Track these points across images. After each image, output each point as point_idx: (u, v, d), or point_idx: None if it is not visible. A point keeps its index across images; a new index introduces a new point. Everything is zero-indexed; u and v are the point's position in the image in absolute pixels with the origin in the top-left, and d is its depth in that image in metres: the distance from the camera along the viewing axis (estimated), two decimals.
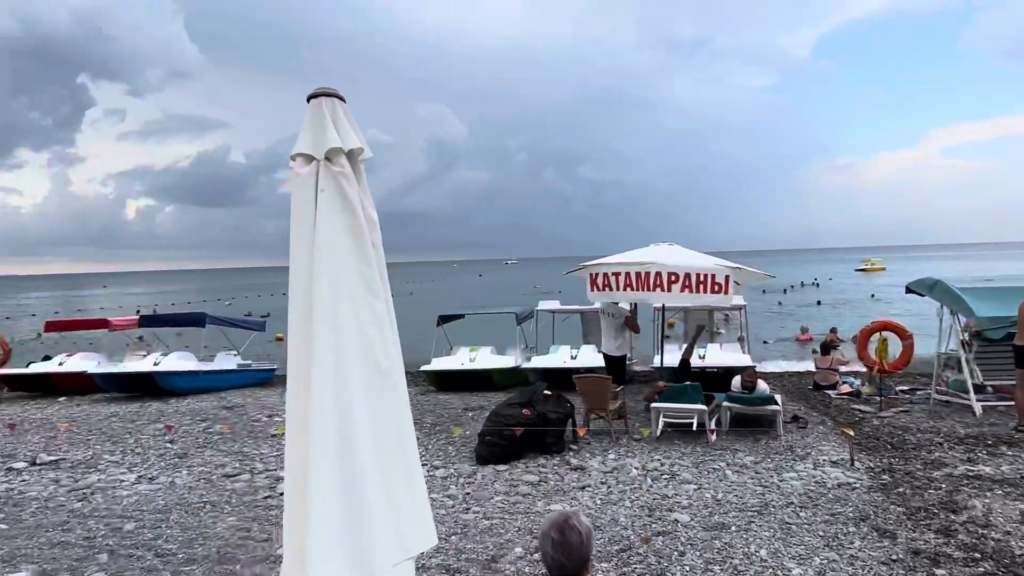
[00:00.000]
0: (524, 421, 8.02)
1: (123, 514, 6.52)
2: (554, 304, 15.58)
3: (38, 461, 8.53)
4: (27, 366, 15.37)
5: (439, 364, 13.49)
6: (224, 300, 58.93)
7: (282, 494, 6.91)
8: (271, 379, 15.93)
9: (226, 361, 14.88)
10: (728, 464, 7.55)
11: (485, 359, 13.75)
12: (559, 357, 13.27)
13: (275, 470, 7.90)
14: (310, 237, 2.18)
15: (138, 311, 40.01)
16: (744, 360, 12.07)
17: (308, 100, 2.34)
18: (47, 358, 16.66)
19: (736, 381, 9.49)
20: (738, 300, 12.25)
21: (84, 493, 7.23)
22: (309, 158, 2.26)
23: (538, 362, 13.20)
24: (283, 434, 7.74)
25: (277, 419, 10.85)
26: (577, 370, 11.06)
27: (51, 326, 15.84)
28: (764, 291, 42.38)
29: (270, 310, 41.93)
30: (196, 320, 15.09)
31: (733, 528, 5.68)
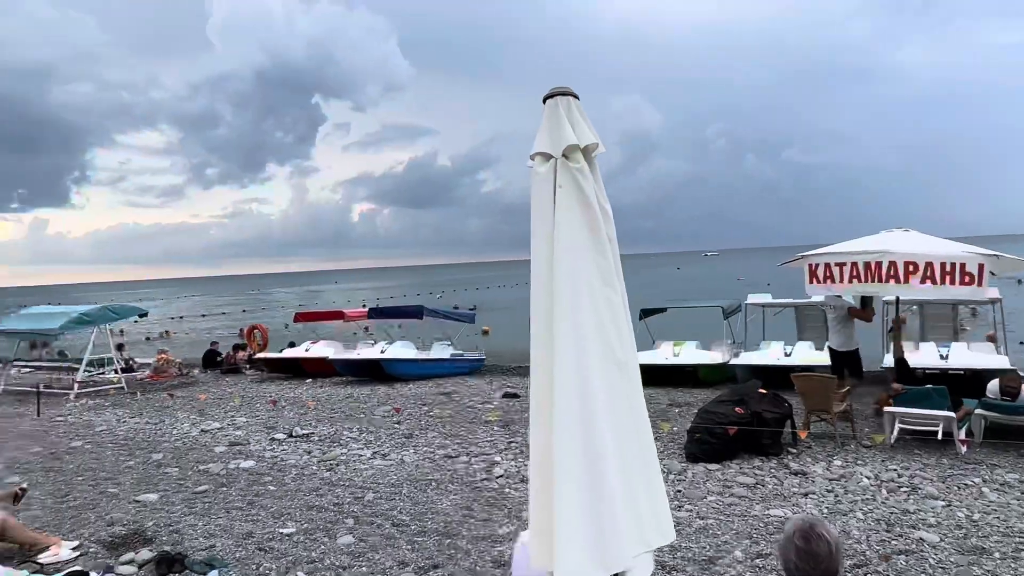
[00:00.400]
0: (737, 420, 7.66)
1: (363, 485, 7.30)
2: (765, 298, 14.67)
3: (294, 433, 9.84)
4: (280, 351, 17.83)
5: (643, 358, 13.31)
6: (435, 294, 63.50)
7: (499, 477, 7.31)
8: (480, 368, 16.87)
9: (442, 351, 16.04)
10: (984, 481, 6.59)
11: (690, 354, 13.35)
12: (771, 353, 12.48)
13: (490, 454, 8.35)
14: (549, 232, 2.26)
15: (364, 304, 44.54)
16: (999, 362, 10.43)
17: (544, 101, 2.42)
18: (291, 345, 19.18)
19: (992, 386, 8.23)
20: (992, 293, 10.60)
21: (331, 464, 8.20)
22: (547, 156, 2.34)
23: (748, 358, 12.53)
24: (496, 420, 8.14)
25: (488, 406, 11.46)
26: (793, 368, 10.31)
27: (299, 317, 18.21)
28: (1020, 281, 36.26)
29: (475, 303, 44.36)
30: (415, 312, 16.43)
31: (996, 555, 4.95)
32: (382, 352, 15.20)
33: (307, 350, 16.61)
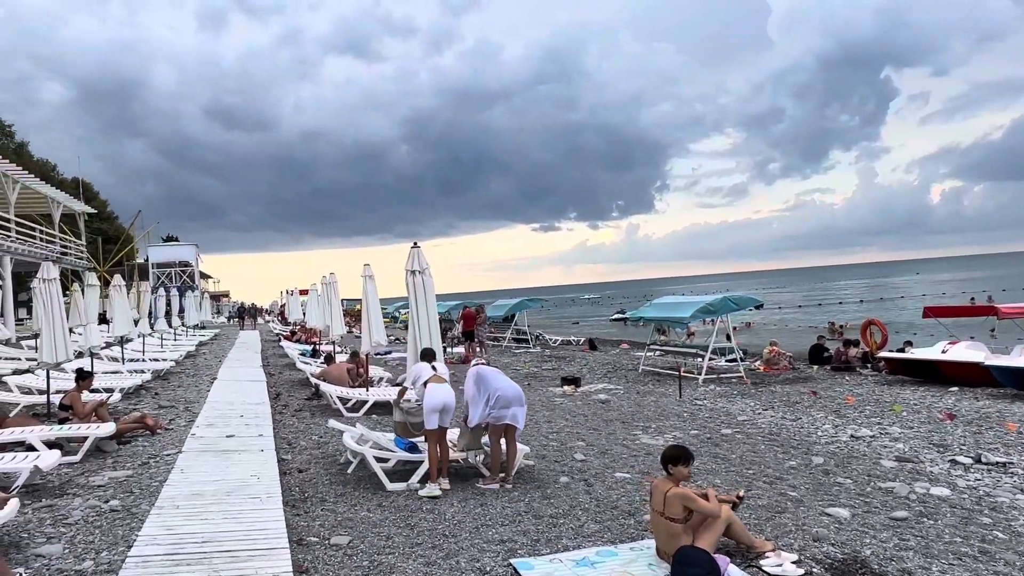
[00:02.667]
0: None
1: None
2: None
3: (983, 460, 7.78)
4: (902, 349, 15.49)
5: None
6: None
7: None
8: None
9: None
10: None
11: None
12: None
13: None
14: None
15: (971, 299, 37.26)
16: None
17: None
18: (908, 343, 16.54)
19: None
20: None
21: None
22: None
23: None
24: None
25: None
26: None
27: (929, 312, 15.51)
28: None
29: None
30: None
31: None
32: None
33: (944, 351, 13.88)
